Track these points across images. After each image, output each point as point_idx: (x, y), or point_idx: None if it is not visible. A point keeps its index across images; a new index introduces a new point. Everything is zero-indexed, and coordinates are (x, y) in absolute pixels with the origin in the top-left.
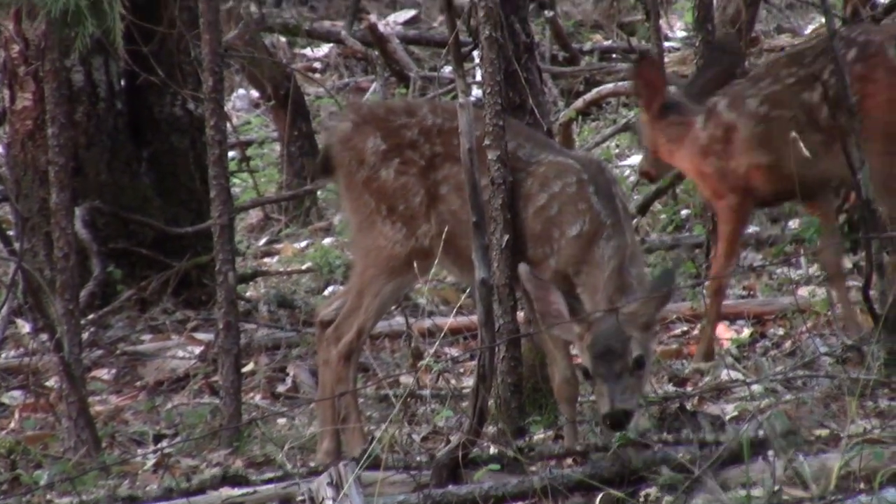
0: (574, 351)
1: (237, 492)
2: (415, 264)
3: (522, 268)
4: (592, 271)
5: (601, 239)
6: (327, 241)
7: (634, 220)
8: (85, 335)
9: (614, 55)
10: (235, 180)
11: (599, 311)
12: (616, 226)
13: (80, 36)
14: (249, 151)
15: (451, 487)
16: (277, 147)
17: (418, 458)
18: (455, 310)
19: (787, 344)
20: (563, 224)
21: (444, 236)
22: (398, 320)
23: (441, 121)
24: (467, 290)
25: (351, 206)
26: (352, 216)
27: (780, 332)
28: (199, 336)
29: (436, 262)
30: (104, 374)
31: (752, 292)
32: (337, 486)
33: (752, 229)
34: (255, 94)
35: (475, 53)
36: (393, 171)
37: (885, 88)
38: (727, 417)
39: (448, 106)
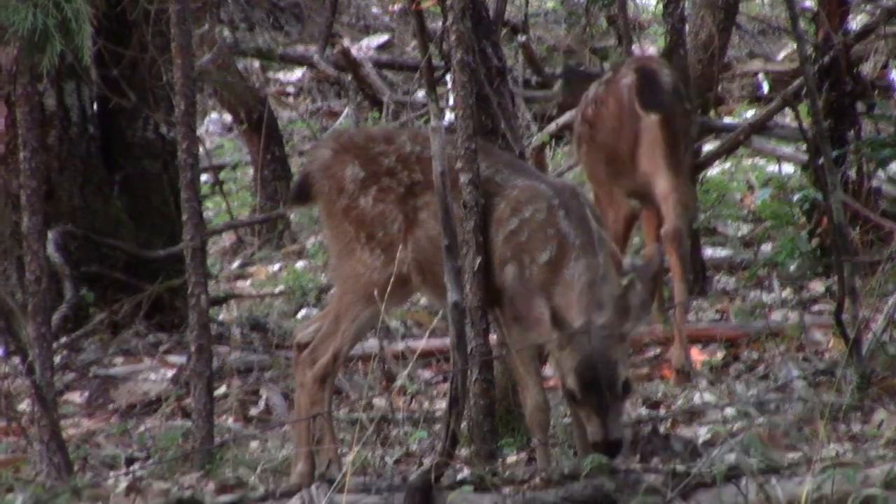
0: (548, 369)
1: None
2: (388, 290)
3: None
4: (565, 291)
5: (570, 260)
6: (300, 264)
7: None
8: (57, 359)
9: None
10: (208, 204)
11: (580, 326)
12: (586, 246)
13: (48, 56)
14: (222, 175)
15: None
16: (250, 171)
17: (391, 481)
18: (427, 333)
19: (760, 367)
20: (533, 250)
21: (420, 262)
22: (371, 343)
23: (420, 148)
24: (439, 313)
25: (331, 234)
26: (331, 243)
27: (753, 355)
28: (172, 359)
29: (413, 287)
30: (76, 397)
31: (724, 316)
32: None
33: (724, 253)
34: (228, 118)
35: (448, 78)
36: (371, 199)
37: (612, 114)
38: (700, 441)
39: (428, 134)
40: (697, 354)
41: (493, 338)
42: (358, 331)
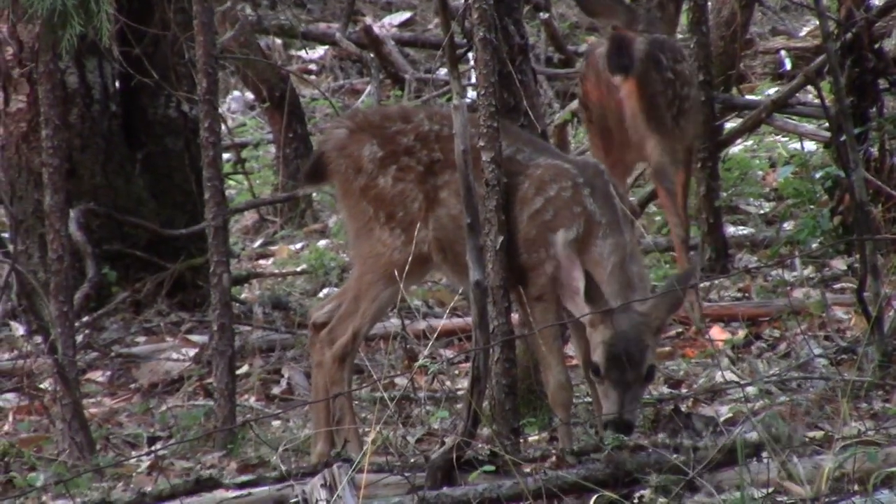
0: (569, 350)
1: (231, 494)
2: (408, 269)
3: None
4: (594, 270)
5: (598, 238)
6: (322, 242)
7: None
8: (79, 337)
9: None
10: (230, 182)
11: (617, 305)
12: (613, 224)
13: (66, 36)
14: (244, 153)
15: (445, 489)
16: (272, 149)
17: (413, 460)
18: (448, 311)
19: (782, 346)
20: (559, 229)
21: (441, 240)
22: (393, 322)
23: (439, 127)
24: (459, 291)
25: (348, 213)
26: (349, 223)
27: (775, 333)
28: (194, 338)
29: (433, 266)
30: (98, 376)
31: (746, 294)
32: (330, 487)
33: (746, 231)
34: (250, 96)
35: (470, 55)
36: (391, 178)
37: (594, 87)
38: (721, 419)
39: (445, 112)
40: (719, 333)
41: (514, 317)
42: (378, 310)
